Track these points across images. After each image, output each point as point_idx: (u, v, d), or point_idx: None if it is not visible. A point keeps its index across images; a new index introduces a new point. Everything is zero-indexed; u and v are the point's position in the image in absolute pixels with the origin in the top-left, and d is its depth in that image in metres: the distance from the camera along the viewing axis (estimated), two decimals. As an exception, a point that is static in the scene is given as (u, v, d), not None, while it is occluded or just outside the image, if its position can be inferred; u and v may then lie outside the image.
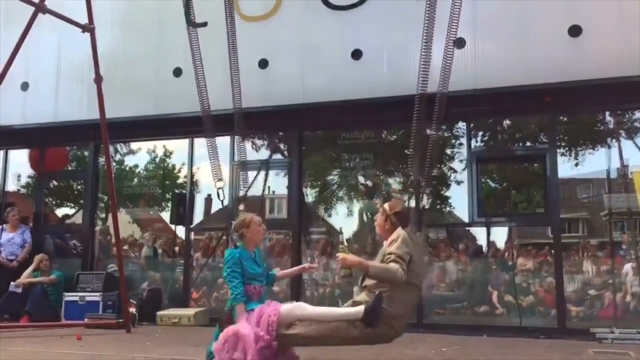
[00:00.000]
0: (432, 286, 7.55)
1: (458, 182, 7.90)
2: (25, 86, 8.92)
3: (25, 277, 8.05)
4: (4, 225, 8.57)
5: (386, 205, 4.38)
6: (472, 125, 7.70)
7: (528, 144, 7.97)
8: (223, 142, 7.91)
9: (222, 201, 7.76)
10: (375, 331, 3.91)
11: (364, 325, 3.86)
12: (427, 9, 5.84)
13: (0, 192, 9.62)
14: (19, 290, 7.94)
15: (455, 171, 8.00)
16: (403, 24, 7.22)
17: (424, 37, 6.03)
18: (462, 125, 7.79)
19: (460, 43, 6.98)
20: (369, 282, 4.08)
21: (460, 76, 6.86)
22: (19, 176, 10.05)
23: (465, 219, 7.58)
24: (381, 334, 3.99)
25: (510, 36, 6.96)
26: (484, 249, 7.83)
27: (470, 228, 7.86)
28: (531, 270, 7.42)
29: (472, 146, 7.61)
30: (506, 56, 6.92)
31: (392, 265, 3.91)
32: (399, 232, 4.15)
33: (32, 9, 6.41)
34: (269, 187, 8.66)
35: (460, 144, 7.88)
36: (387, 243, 4.17)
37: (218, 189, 7.64)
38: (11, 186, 9.87)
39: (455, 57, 6.35)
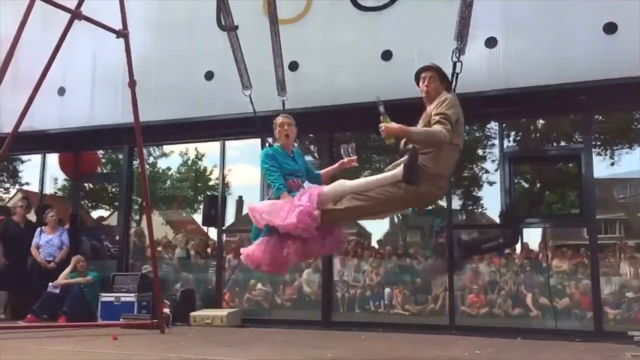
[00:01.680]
0: (465, 288, 7.49)
1: (490, 183, 7.81)
2: (62, 91, 9.11)
3: (62, 278, 8.23)
4: (43, 227, 8.76)
5: (436, 65, 4.38)
6: (504, 125, 7.60)
7: (562, 143, 7.84)
8: (251, 143, 7.92)
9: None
10: (420, 190, 3.93)
11: (407, 183, 3.88)
12: (462, 8, 5.76)
13: (38, 195, 9.85)
14: (57, 291, 8.11)
15: (487, 172, 7.93)
16: (433, 24, 7.17)
17: (458, 37, 5.94)
18: (494, 125, 7.70)
19: (491, 42, 6.91)
20: (409, 145, 4.07)
21: (492, 76, 6.80)
22: (55, 179, 10.29)
23: (498, 220, 7.50)
24: (426, 192, 4.01)
25: (543, 34, 6.84)
26: (518, 250, 7.72)
27: (503, 229, 7.76)
28: (566, 272, 7.29)
29: (505, 146, 7.50)
30: (539, 55, 6.81)
31: (435, 127, 3.93)
32: (446, 94, 4.15)
33: (69, 15, 6.56)
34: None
35: (492, 144, 7.80)
36: (432, 105, 4.17)
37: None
38: (48, 189, 10.10)
39: (486, 56, 6.29)
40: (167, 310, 7.52)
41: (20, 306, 8.40)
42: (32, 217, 9.42)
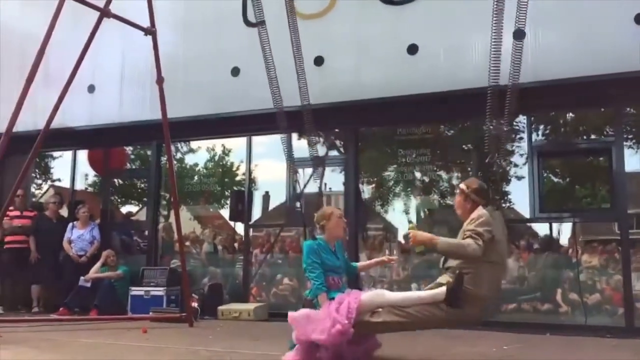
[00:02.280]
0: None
1: (519, 178, 7.71)
2: (91, 88, 9.25)
3: (93, 272, 8.40)
4: (75, 223, 8.94)
5: (462, 185, 4.35)
6: (532, 118, 7.50)
7: (592, 136, 7.70)
8: (277, 138, 7.94)
9: (298, 195, 7.99)
10: (461, 312, 3.88)
11: (448, 306, 3.84)
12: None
13: (69, 191, 10.05)
14: (88, 284, 8.28)
15: (515, 166, 7.82)
16: (460, 17, 7.11)
17: (494, 29, 5.89)
18: (522, 118, 7.59)
19: (520, 34, 6.82)
20: (451, 263, 4.04)
21: (520, 68, 6.70)
22: (86, 175, 10.47)
23: (527, 215, 7.40)
24: (467, 314, 3.95)
25: (572, 25, 6.73)
26: (547, 245, 7.62)
27: (531, 224, 7.67)
28: (597, 267, 7.17)
29: (533, 140, 7.41)
30: (568, 46, 6.70)
31: (466, 240, 3.87)
32: (480, 211, 4.10)
33: (98, 13, 6.66)
34: (325, 184, 8.71)
35: (521, 138, 7.69)
36: (466, 222, 4.12)
37: (295, 181, 7.78)
38: (79, 185, 10.29)
39: (514, 48, 6.21)
40: (195, 304, 7.62)
41: (53, 299, 8.61)
42: (63, 212, 9.62)
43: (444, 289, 3.90)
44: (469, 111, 7.18)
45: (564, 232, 7.64)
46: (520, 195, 7.52)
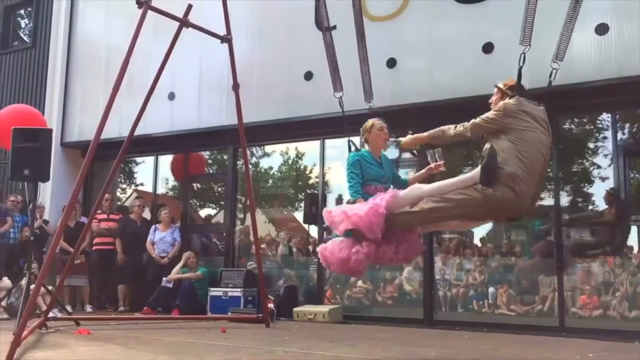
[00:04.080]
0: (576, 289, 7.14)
1: (603, 179, 7.37)
2: (172, 96, 9.58)
3: (175, 273, 8.71)
4: (157, 225, 9.31)
5: (500, 84, 4.37)
6: (617, 116, 7.15)
7: (684, 134, 7.26)
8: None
9: None
10: (497, 194, 3.85)
11: (483, 185, 3.85)
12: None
13: (152, 195, 10.48)
14: (170, 285, 8.60)
15: (599, 167, 7.48)
16: (537, 13, 6.87)
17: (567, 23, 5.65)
18: (606, 116, 7.27)
19: (602, 29, 6.53)
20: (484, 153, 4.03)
21: (603, 64, 6.42)
22: (167, 180, 10.86)
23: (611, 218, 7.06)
24: (503, 197, 3.87)
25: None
26: (634, 249, 7.23)
27: (617, 227, 7.30)
28: (690, 272, 6.74)
29: (618, 139, 7.07)
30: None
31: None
32: (506, 100, 4.15)
33: (177, 24, 6.90)
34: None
35: (605, 137, 7.35)
36: None
37: None
38: (160, 189, 10.70)
39: (597, 44, 5.95)
40: (271, 305, 7.75)
41: (137, 299, 9.00)
42: (146, 215, 10.03)
43: (478, 168, 3.94)
44: (547, 111, 6.91)
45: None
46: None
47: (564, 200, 7.48)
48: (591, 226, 7.59)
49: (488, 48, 7.23)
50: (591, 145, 7.57)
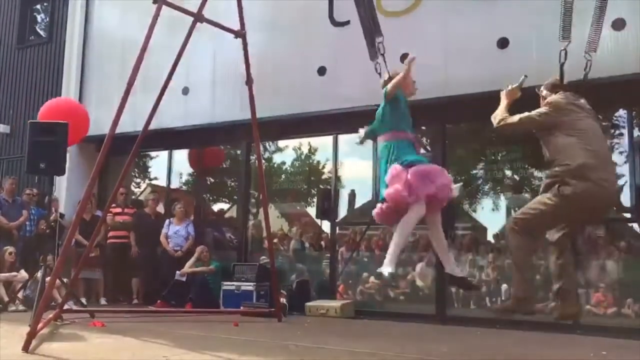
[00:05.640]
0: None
1: (618, 176, 7.30)
2: (186, 90, 9.58)
3: (188, 267, 8.76)
4: (171, 219, 9.36)
5: (543, 89, 4.52)
6: (634, 112, 7.08)
7: (701, 131, 7.16)
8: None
9: None
10: (576, 190, 3.88)
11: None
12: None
13: (165, 189, 10.54)
14: (184, 278, 8.65)
15: (614, 164, 7.40)
16: (551, 8, 6.80)
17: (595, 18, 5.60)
18: (622, 113, 7.18)
19: (619, 24, 6.45)
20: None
21: (620, 60, 6.34)
22: (180, 174, 10.92)
23: (628, 215, 6.99)
24: (583, 190, 3.89)
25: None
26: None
27: (633, 224, 7.23)
28: None
29: (635, 135, 6.99)
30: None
31: None
32: (553, 96, 4.25)
33: (191, 18, 6.92)
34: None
35: (621, 134, 7.28)
36: None
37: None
38: (174, 184, 10.75)
39: (613, 39, 5.88)
40: (283, 300, 7.78)
41: (151, 292, 9.06)
42: (160, 209, 10.09)
43: None
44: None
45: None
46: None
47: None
48: (605, 223, 7.54)
49: (503, 43, 7.16)
50: (607, 141, 7.48)
